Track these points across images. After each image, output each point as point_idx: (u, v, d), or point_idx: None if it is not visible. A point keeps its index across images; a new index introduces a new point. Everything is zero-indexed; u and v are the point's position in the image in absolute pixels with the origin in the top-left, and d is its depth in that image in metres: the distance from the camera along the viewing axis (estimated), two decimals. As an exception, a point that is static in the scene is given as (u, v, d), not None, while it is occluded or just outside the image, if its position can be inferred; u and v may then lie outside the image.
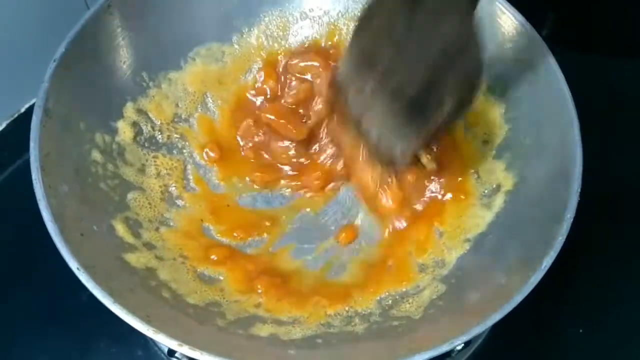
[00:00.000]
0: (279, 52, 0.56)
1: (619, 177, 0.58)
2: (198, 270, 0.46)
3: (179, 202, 0.50)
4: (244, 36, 0.55)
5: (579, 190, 0.41)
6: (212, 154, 0.53)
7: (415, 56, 0.39)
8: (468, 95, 0.43)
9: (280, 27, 0.56)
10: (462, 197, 0.50)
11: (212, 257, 0.48)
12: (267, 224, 0.51)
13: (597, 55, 0.67)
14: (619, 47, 0.68)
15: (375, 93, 0.41)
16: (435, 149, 0.49)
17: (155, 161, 0.50)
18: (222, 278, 0.47)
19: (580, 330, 0.51)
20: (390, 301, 0.46)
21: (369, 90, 0.41)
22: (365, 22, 0.41)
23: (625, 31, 0.69)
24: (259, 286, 0.46)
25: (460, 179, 0.50)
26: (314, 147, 0.54)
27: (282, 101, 0.55)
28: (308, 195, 0.53)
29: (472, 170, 0.51)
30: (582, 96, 0.45)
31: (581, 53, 0.66)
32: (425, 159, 0.48)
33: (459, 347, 0.42)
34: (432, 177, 0.51)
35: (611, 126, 0.60)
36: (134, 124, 0.50)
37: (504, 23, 0.50)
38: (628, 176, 0.59)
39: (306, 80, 0.55)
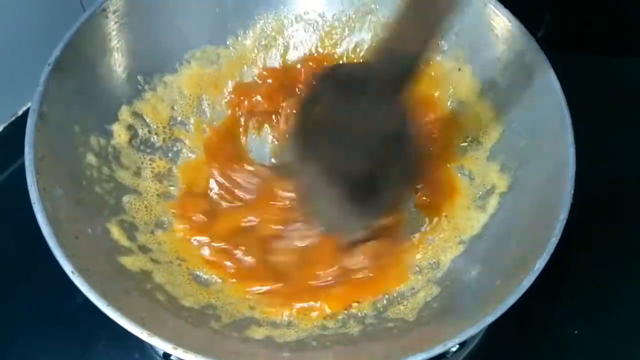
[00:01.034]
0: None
1: (617, 176, 0.58)
2: (194, 272, 0.46)
3: (175, 205, 0.50)
4: (239, 39, 0.55)
5: (572, 192, 0.41)
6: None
7: (356, 147, 0.41)
8: (405, 185, 0.45)
9: (275, 30, 0.56)
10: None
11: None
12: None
13: (595, 54, 0.67)
14: (615, 47, 0.68)
15: (318, 178, 0.42)
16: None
17: (151, 164, 0.50)
18: (219, 281, 0.47)
19: (576, 332, 0.51)
20: (384, 303, 0.46)
21: (312, 175, 0.42)
22: (304, 109, 0.43)
23: (621, 31, 0.69)
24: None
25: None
26: None
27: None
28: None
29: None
30: (578, 96, 0.45)
31: (577, 54, 0.66)
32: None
33: (453, 349, 0.43)
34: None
35: (608, 126, 0.60)
36: (130, 127, 0.50)
37: (498, 25, 0.50)
38: (626, 176, 0.59)
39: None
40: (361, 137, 0.41)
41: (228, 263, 0.48)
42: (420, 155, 0.45)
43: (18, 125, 0.59)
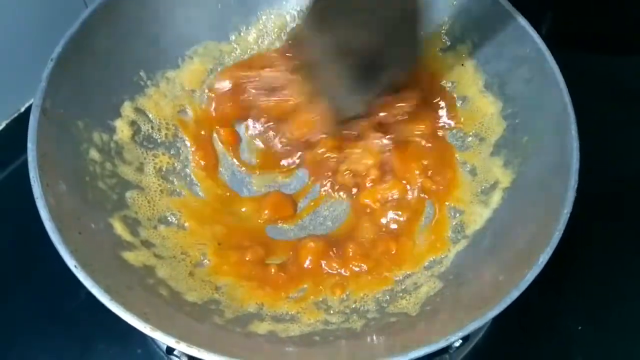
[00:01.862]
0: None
1: (619, 174, 0.58)
2: (197, 267, 0.46)
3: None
4: (242, 35, 0.55)
5: (576, 186, 0.41)
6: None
7: (366, 23, 0.43)
8: (404, 68, 0.47)
9: (278, 26, 0.56)
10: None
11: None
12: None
13: (597, 53, 0.67)
14: (618, 45, 0.68)
15: (329, 53, 0.44)
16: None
17: (153, 160, 0.50)
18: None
19: (579, 327, 0.51)
20: (387, 297, 0.46)
21: (324, 51, 0.44)
22: None
23: (623, 30, 0.69)
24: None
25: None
26: None
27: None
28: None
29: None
30: (582, 94, 0.45)
31: (580, 51, 0.66)
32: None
33: (457, 344, 0.43)
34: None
35: (610, 124, 0.60)
36: (132, 123, 0.50)
37: (503, 21, 0.50)
38: (628, 174, 0.59)
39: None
40: (372, 15, 0.43)
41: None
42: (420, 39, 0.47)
43: (20, 121, 0.59)
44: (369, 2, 0.43)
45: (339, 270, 0.48)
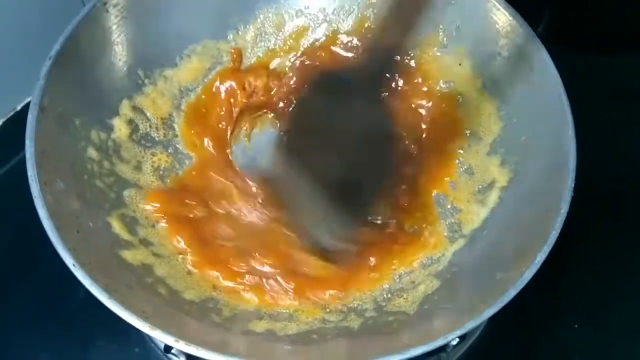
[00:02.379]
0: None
1: (617, 174, 0.58)
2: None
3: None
4: (240, 33, 0.55)
5: (573, 185, 0.41)
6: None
7: (340, 148, 0.42)
8: (384, 183, 0.46)
9: (276, 25, 0.56)
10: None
11: None
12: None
13: (595, 52, 0.67)
14: (616, 44, 0.68)
15: (310, 187, 0.42)
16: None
17: (151, 158, 0.50)
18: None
19: (576, 325, 0.51)
20: (385, 296, 0.46)
21: (303, 186, 0.42)
22: (294, 117, 0.44)
23: (620, 28, 0.69)
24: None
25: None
26: None
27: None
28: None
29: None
30: (579, 93, 0.45)
31: (577, 49, 0.66)
32: None
33: (454, 342, 0.43)
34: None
35: (608, 123, 0.60)
36: (130, 121, 0.50)
37: (499, 19, 0.50)
38: (626, 173, 0.59)
39: None
40: (346, 140, 0.42)
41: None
42: (405, 157, 0.45)
43: (18, 120, 0.59)
44: (343, 126, 0.41)
45: None
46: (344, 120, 0.41)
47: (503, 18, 0.50)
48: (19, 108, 0.60)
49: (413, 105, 0.53)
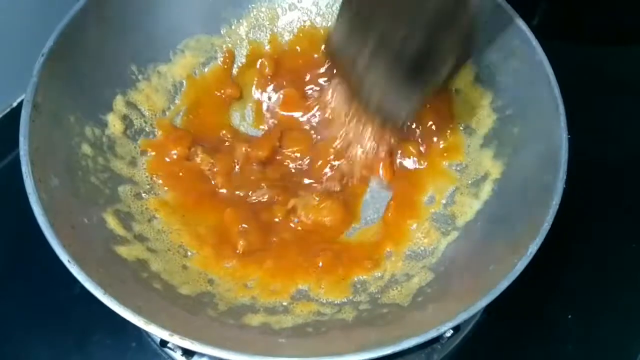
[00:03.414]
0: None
1: (610, 165, 0.58)
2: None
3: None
4: (233, 28, 0.55)
5: (565, 177, 0.41)
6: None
7: (411, 17, 0.39)
8: (465, 51, 0.43)
9: (269, 19, 0.56)
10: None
11: None
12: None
13: (588, 45, 0.67)
14: (609, 37, 0.68)
15: (374, 56, 0.40)
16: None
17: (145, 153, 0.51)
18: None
19: (569, 316, 0.51)
20: (379, 288, 0.46)
21: (368, 54, 0.41)
22: None
23: (615, 21, 0.69)
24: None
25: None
26: None
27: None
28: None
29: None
30: (572, 85, 0.46)
31: (573, 42, 0.67)
32: None
33: (447, 334, 0.43)
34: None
35: (602, 115, 0.60)
36: (124, 117, 0.50)
37: (492, 11, 0.50)
38: (619, 164, 0.59)
39: None
40: (415, 12, 0.39)
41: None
42: (470, 33, 0.42)
43: (12, 117, 0.59)
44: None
45: None
46: None
47: (497, 11, 0.49)
48: (14, 104, 0.60)
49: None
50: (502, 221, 0.45)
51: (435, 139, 0.52)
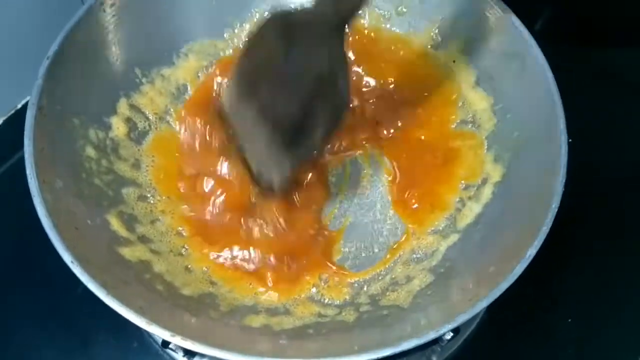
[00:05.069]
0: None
1: (611, 169, 0.58)
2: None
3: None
4: (236, 32, 0.56)
5: (564, 180, 0.42)
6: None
7: (291, 88, 0.41)
8: (335, 124, 0.45)
9: (272, 23, 0.56)
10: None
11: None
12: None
13: (592, 49, 0.67)
14: (613, 40, 0.68)
15: (255, 122, 0.42)
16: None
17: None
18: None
19: (569, 320, 0.51)
20: (380, 290, 0.46)
21: (250, 120, 0.42)
22: (247, 52, 0.42)
23: (619, 24, 0.69)
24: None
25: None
26: None
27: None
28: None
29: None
30: (576, 88, 0.46)
31: (575, 45, 0.67)
32: None
33: (447, 336, 0.43)
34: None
35: (606, 118, 0.60)
36: (128, 120, 0.50)
37: (493, 17, 0.50)
38: (619, 168, 0.59)
39: None
40: (298, 79, 0.41)
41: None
42: (348, 99, 0.46)
43: (17, 118, 0.59)
44: (290, 66, 0.41)
45: None
46: (296, 58, 0.41)
47: (497, 15, 0.50)
48: (19, 106, 0.60)
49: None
50: (502, 224, 0.45)
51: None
